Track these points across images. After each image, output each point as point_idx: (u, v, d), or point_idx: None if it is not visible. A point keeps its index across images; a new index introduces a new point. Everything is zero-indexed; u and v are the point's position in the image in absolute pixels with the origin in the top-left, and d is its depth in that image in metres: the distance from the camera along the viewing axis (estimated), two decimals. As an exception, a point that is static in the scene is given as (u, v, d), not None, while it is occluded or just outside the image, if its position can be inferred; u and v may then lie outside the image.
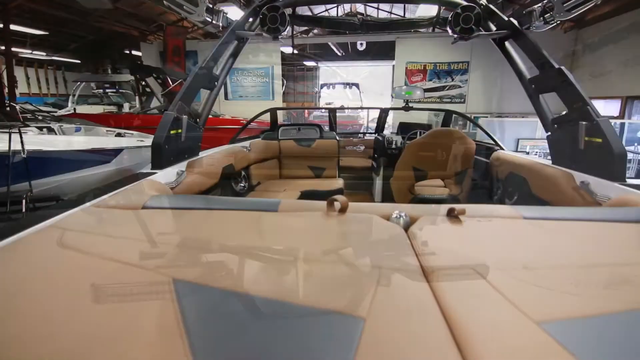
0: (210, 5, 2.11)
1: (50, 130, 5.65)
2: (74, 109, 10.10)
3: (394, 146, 3.74)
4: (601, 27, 7.83)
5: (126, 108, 11.50)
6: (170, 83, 8.53)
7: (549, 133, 2.06)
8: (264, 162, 3.48)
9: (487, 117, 8.60)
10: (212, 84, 2.22)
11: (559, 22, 2.06)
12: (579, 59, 8.48)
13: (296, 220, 0.98)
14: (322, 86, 15.36)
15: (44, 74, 17.27)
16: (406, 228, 0.95)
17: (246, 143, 3.23)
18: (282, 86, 11.13)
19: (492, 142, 2.99)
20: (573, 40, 8.77)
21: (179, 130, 1.84)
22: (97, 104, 12.50)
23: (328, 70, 19.08)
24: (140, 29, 11.15)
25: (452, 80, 9.74)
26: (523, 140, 5.35)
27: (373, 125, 16.54)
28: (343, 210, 0.99)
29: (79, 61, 16.89)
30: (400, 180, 2.83)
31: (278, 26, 2.34)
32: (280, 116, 10.76)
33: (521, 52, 2.24)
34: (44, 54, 14.13)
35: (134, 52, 13.62)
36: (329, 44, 13.51)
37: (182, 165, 1.91)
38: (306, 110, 18.49)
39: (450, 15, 2.32)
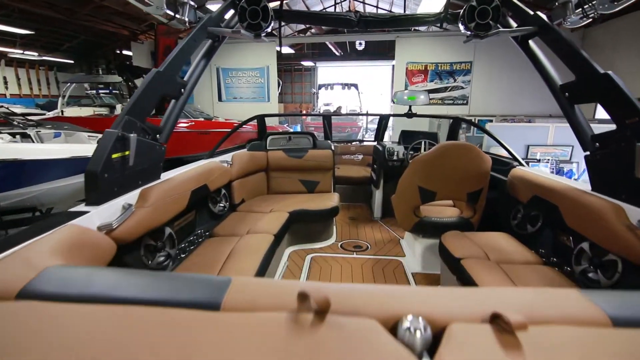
0: (172, -3, 1.73)
1: (26, 137, 5.25)
2: (62, 112, 9.75)
3: (395, 158, 3.36)
4: (611, 25, 7.46)
5: (119, 109, 11.13)
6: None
7: (588, 153, 1.68)
8: (250, 177, 3.09)
9: (491, 120, 8.23)
10: (177, 91, 1.84)
11: (596, 15, 1.68)
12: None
13: (245, 330, 0.60)
14: (320, 87, 14.96)
15: (36, 74, 16.89)
16: (427, 349, 0.58)
17: (227, 156, 2.84)
18: (278, 87, 10.73)
19: (510, 156, 2.60)
20: (580, 39, 8.41)
21: (126, 153, 1.45)
22: (89, 106, 12.14)
23: (326, 71, 18.71)
24: (130, 28, 10.76)
25: (455, 81, 9.37)
26: (533, 147, 4.97)
27: (372, 126, 16.23)
28: (322, 312, 0.61)
29: (72, 61, 16.52)
30: (403, 200, 2.45)
31: (260, 22, 1.97)
32: (275, 120, 10.43)
33: (550, 53, 1.86)
34: (36, 54, 13.72)
35: (125, 52, 13.24)
36: (327, 43, 13.13)
37: (131, 196, 1.53)
38: (304, 111, 18.15)
39: (463, 9, 1.94)
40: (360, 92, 14.25)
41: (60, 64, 16.26)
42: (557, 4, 1.70)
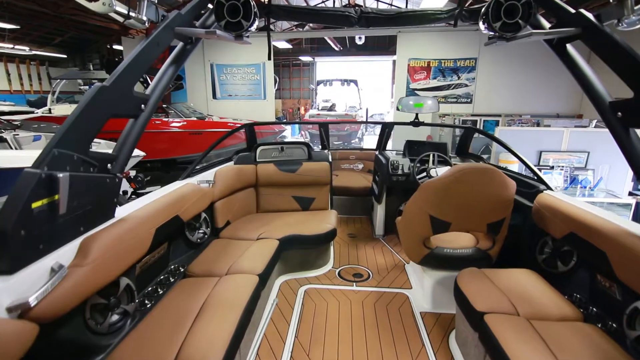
0: (124, -10, 1.37)
1: (2, 141, 4.90)
2: (50, 110, 9.38)
3: (400, 172, 3.00)
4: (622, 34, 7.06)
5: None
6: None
7: None
8: (236, 194, 2.74)
9: (497, 120, 7.87)
10: (135, 109, 1.48)
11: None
12: (595, 66, 7.74)
13: None
14: (318, 83, 14.52)
15: (27, 69, 16.43)
16: None
17: (209, 173, 2.49)
18: (275, 84, 10.33)
19: (535, 177, 2.25)
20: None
21: (55, 197, 1.10)
22: (81, 102, 11.75)
23: (325, 66, 18.25)
24: (120, 22, 10.31)
25: (459, 78, 9.00)
26: (546, 153, 4.61)
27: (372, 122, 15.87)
28: None
29: (64, 56, 16.06)
30: (412, 230, 2.10)
31: (240, 20, 1.61)
32: (273, 114, 10.03)
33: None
34: (27, 48, 13.27)
35: (116, 47, 12.79)
36: (326, 38, 12.68)
37: (67, 251, 1.19)
38: (302, 107, 17.72)
39: (486, 5, 1.58)
40: (360, 88, 13.85)
41: (52, 58, 15.80)
42: (612, 1, 1.34)
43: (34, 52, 13.55)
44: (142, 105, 1.51)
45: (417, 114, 2.91)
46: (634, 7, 1.28)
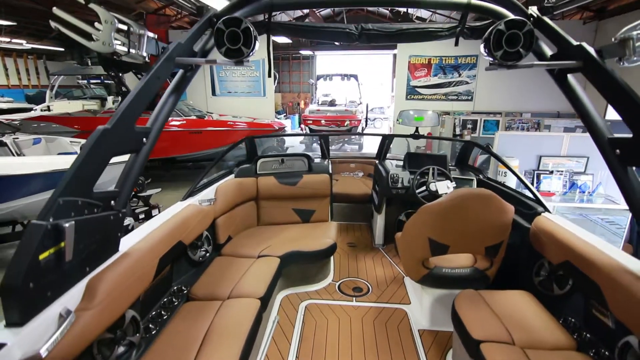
0: (123, 27, 1.36)
1: (2, 145, 4.91)
2: (49, 107, 9.35)
3: (399, 185, 3.02)
4: (626, 19, 7.00)
5: (110, 102, 10.69)
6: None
7: None
8: (237, 208, 2.76)
9: (498, 118, 7.84)
10: (137, 144, 1.49)
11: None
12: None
13: None
14: (318, 78, 14.41)
15: (24, 63, 16.31)
16: None
17: (210, 190, 2.51)
18: (274, 81, 10.28)
19: (533, 198, 2.27)
20: (593, 31, 7.95)
21: (61, 245, 1.12)
22: (80, 97, 11.66)
23: (325, 60, 18.10)
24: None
25: (459, 75, 8.96)
26: (545, 158, 4.62)
27: (372, 115, 15.73)
28: None
29: (62, 49, 15.88)
30: (411, 250, 2.13)
31: (240, 47, 1.61)
32: (270, 113, 9.99)
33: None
34: (24, 41, 13.13)
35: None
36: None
37: (73, 295, 1.21)
38: (302, 102, 17.62)
39: (488, 33, 1.58)
40: (360, 83, 13.74)
41: (49, 52, 15.61)
42: (613, 40, 1.34)
43: (31, 46, 13.40)
44: (144, 139, 1.52)
45: (417, 127, 2.92)
46: (636, 48, 1.28)
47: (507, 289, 1.96)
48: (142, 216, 4.90)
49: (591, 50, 1.45)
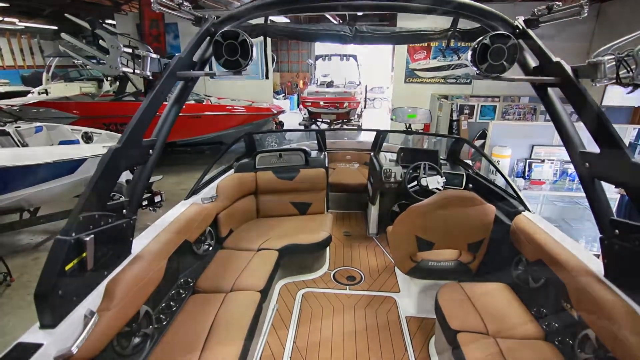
0: (128, 50, 1.45)
1: (4, 134, 4.99)
2: (46, 90, 9.32)
3: (392, 180, 3.15)
4: (628, 1, 6.92)
5: (106, 85, 10.64)
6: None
7: (602, 236, 1.50)
8: (238, 202, 2.91)
9: (496, 103, 7.86)
10: (144, 156, 1.61)
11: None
12: (601, 38, 7.62)
13: None
14: (317, 58, 14.23)
15: (18, 43, 16.01)
16: None
17: (212, 188, 2.65)
18: (273, 63, 10.19)
19: (515, 195, 2.41)
20: (594, 16, 7.84)
21: (83, 255, 1.27)
22: (76, 79, 11.57)
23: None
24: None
25: (459, 58, 8.89)
26: (538, 147, 4.73)
27: (372, 95, 15.58)
28: None
29: (55, 27, 15.54)
30: (400, 246, 2.30)
31: (238, 59, 1.71)
32: (269, 97, 9.98)
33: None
34: (16, 20, 12.86)
35: (109, 22, 12.39)
36: (325, 14, 12.27)
37: (95, 297, 1.37)
38: (301, 81, 17.45)
39: (473, 47, 1.66)
40: (360, 63, 13.59)
41: (43, 30, 15.28)
42: (587, 62, 1.43)
43: (24, 25, 13.13)
44: (150, 151, 1.64)
45: (409, 124, 3.02)
46: (606, 72, 1.38)
47: (488, 280, 2.14)
48: (145, 202, 5.06)
49: (568, 68, 1.54)
